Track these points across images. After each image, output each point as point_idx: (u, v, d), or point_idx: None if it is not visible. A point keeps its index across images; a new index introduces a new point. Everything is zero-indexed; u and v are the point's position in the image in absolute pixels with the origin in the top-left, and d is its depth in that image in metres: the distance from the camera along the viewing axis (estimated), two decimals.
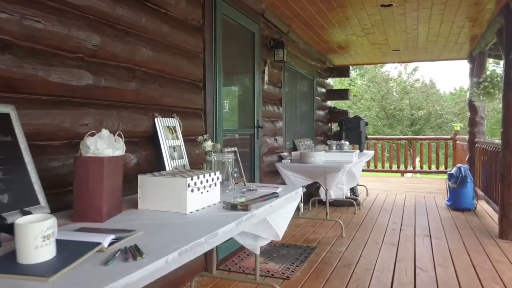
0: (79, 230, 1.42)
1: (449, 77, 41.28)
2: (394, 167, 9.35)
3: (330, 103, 7.93)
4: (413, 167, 9.80)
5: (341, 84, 20.56)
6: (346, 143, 5.82)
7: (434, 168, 9.03)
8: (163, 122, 2.54)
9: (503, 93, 4.33)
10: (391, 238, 4.24)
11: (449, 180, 5.88)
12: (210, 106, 3.18)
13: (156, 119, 2.47)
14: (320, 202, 5.84)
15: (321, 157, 4.51)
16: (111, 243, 1.27)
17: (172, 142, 2.54)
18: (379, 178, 9.46)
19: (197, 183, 1.84)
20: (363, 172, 9.06)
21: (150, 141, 2.45)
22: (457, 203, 5.67)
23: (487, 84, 4.89)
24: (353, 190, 6.24)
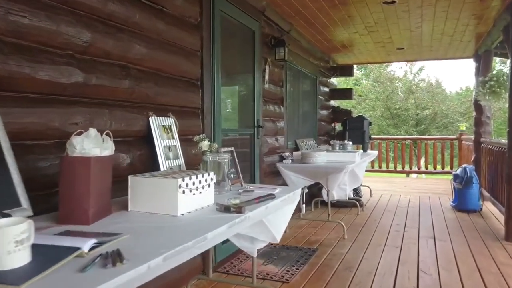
0: (62, 234, 1.36)
1: (455, 76, 41.00)
2: (399, 168, 9.23)
3: (333, 103, 7.84)
4: (418, 168, 9.68)
5: (346, 83, 20.45)
6: (350, 143, 5.74)
7: (439, 168, 8.91)
8: (158, 121, 2.48)
9: (509, 92, 4.23)
10: (394, 240, 4.16)
11: (454, 180, 5.78)
12: (208, 105, 3.12)
13: (150, 118, 2.41)
14: (322, 203, 5.76)
15: (322, 157, 4.43)
16: (93, 248, 1.20)
17: (167, 142, 2.48)
18: (384, 178, 9.36)
19: (189, 184, 1.77)
20: (367, 172, 8.96)
21: (144, 140, 2.39)
22: (462, 204, 5.57)
23: (493, 83, 4.78)
24: (356, 190, 6.15)
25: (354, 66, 8.49)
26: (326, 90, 7.39)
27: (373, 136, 12.39)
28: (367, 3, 4.26)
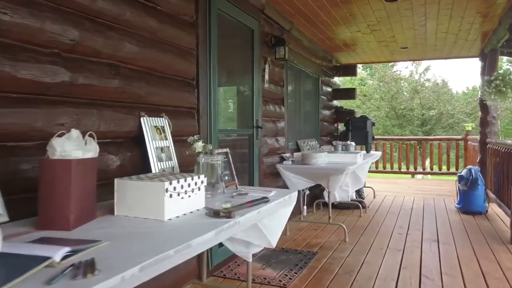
0: (36, 241, 1.29)
1: (462, 76, 40.68)
2: (403, 168, 9.11)
3: (336, 103, 7.75)
4: (423, 168, 9.54)
5: (351, 83, 20.31)
6: (352, 144, 5.64)
7: (444, 169, 8.78)
8: (150, 122, 2.41)
9: None
10: (397, 243, 4.06)
11: (459, 182, 5.66)
12: (204, 105, 3.04)
13: (142, 119, 2.34)
14: (324, 205, 5.66)
15: (323, 158, 4.34)
16: (67, 257, 1.13)
17: (160, 143, 2.41)
18: (388, 179, 9.24)
19: (176, 188, 1.70)
20: (371, 173, 8.86)
21: (135, 142, 2.32)
22: (467, 206, 5.45)
23: (499, 82, 4.67)
24: (359, 192, 6.06)
25: (358, 65, 8.37)
26: (329, 90, 7.30)
27: (377, 136, 12.28)
28: (369, 1, 4.17)
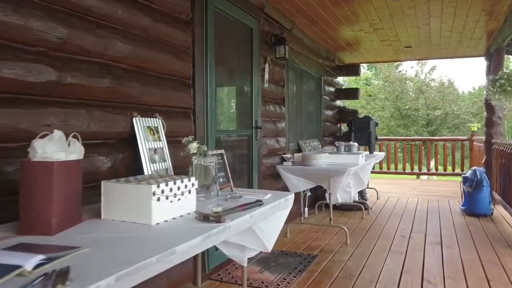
0: (14, 247, 1.23)
1: (468, 76, 40.37)
2: (408, 169, 8.99)
3: (340, 103, 7.66)
4: (427, 169, 9.42)
5: (356, 83, 20.19)
6: (355, 144, 5.56)
7: (450, 170, 8.66)
8: (143, 122, 2.35)
9: None
10: (399, 246, 3.97)
11: (463, 183, 5.56)
12: (201, 105, 2.98)
13: (134, 119, 2.28)
14: (327, 206, 5.57)
15: (324, 159, 4.26)
16: (41, 265, 1.07)
17: (153, 144, 2.35)
18: (392, 180, 9.13)
19: (165, 191, 1.64)
20: (375, 174, 8.76)
21: (128, 143, 2.26)
22: (472, 208, 5.35)
23: (504, 81, 4.56)
24: (361, 193, 5.98)
25: (362, 65, 8.29)
26: (332, 90, 7.21)
27: (382, 136, 12.17)
28: None
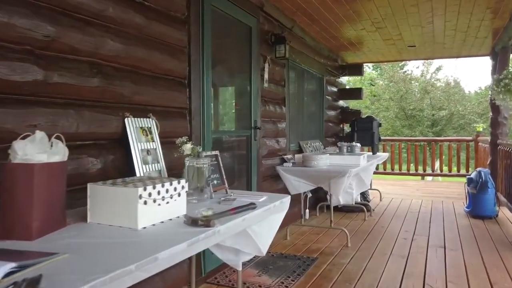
0: None
1: (475, 75, 40.07)
2: (412, 170, 8.88)
3: (342, 103, 7.58)
4: (432, 170, 9.31)
5: (361, 83, 20.05)
6: (358, 145, 5.47)
7: (455, 171, 8.54)
8: (136, 123, 2.29)
9: None
10: (401, 249, 3.90)
11: (468, 185, 5.47)
12: (197, 105, 2.93)
13: (126, 119, 2.23)
14: (328, 208, 5.49)
15: (325, 160, 4.18)
16: (12, 273, 1.02)
17: (145, 145, 2.30)
18: (396, 181, 9.03)
19: (152, 194, 1.58)
20: (379, 175, 8.67)
21: (119, 143, 2.21)
22: (476, 210, 5.26)
23: (508, 81, 4.46)
24: (364, 195, 5.89)
25: (367, 65, 8.20)
26: (334, 89, 7.13)
27: (387, 137, 12.06)
28: None
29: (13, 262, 1.05)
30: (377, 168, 8.08)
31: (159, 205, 1.62)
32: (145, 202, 1.54)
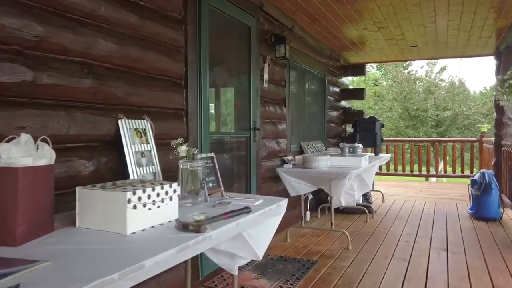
0: None
1: (480, 75, 39.81)
2: (415, 171, 8.80)
3: (345, 103, 7.51)
4: (436, 171, 9.21)
5: (365, 84, 19.95)
6: (360, 146, 5.40)
7: (459, 172, 8.45)
8: (130, 124, 2.25)
9: None
10: (403, 252, 3.83)
11: (472, 186, 5.39)
12: (194, 106, 2.88)
13: (120, 121, 2.19)
14: (330, 209, 5.45)
15: (325, 161, 4.13)
16: None
17: (139, 147, 2.26)
18: (399, 182, 8.95)
19: (142, 198, 1.53)
20: (382, 176, 8.61)
21: (112, 146, 2.17)
22: (480, 212, 5.18)
23: None
24: (366, 196, 5.83)
25: (371, 65, 8.16)
26: (336, 90, 7.07)
27: (390, 137, 11.98)
28: None
29: None
30: (380, 169, 8.01)
31: (150, 209, 1.58)
32: (134, 207, 1.50)
